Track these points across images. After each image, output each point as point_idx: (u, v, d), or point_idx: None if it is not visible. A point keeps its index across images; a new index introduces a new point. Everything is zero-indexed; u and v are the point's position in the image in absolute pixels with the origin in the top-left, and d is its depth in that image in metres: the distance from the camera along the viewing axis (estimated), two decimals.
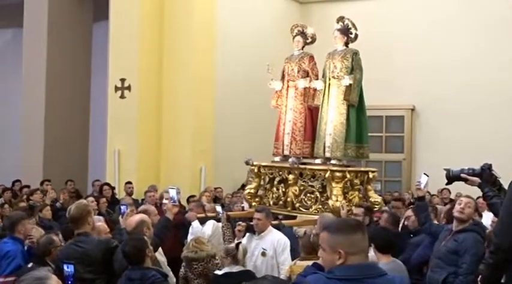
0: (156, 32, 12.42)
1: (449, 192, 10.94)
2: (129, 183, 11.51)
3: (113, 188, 11.37)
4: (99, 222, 5.95)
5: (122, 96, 12.26)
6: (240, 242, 6.06)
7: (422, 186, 6.15)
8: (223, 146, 12.21)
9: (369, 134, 14.15)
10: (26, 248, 5.96)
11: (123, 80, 12.25)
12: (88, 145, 14.95)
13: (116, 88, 12.32)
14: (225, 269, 5.70)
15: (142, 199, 10.19)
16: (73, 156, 14.30)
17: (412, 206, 8.20)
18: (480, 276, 4.30)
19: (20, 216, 6.22)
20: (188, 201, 9.59)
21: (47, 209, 8.59)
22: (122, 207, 7.53)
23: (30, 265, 5.34)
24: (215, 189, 11.60)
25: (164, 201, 8.58)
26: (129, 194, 11.04)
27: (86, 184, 13.57)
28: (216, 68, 12.50)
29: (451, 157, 11.15)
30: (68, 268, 4.38)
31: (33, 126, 14.15)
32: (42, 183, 11.82)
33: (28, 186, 11.77)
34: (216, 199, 11.13)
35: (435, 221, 6.69)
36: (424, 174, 6.27)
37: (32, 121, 14.19)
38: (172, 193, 6.32)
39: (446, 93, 13.56)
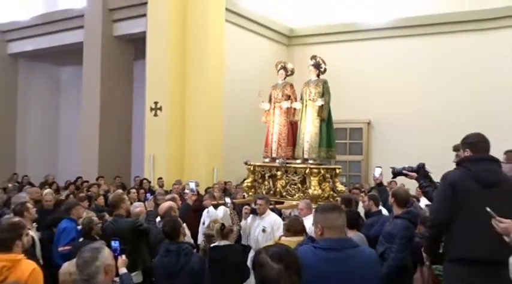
0: (181, 67, 12.42)
1: (396, 183, 10.88)
2: (161, 178, 11.54)
3: (149, 182, 11.39)
4: (138, 208, 5.91)
5: (155, 115, 12.26)
6: (223, 223, 5.92)
7: (377, 176, 6.13)
8: (230, 152, 12.21)
9: (336, 141, 14.37)
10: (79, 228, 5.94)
11: (156, 103, 12.26)
12: (131, 151, 14.90)
13: (151, 109, 12.33)
14: (215, 244, 5.62)
15: (170, 190, 10.18)
16: (120, 159, 14.30)
17: (369, 193, 8.19)
18: (423, 247, 4.25)
19: (74, 202, 6.18)
20: (206, 191, 9.60)
21: (100, 198, 8.59)
22: (147, 195, 7.49)
23: (81, 239, 5.31)
24: (225, 182, 11.55)
25: (186, 191, 8.56)
26: (161, 186, 11.04)
27: (130, 179, 13.54)
28: (224, 95, 12.53)
29: (397, 158, 11.01)
30: (115, 244, 4.32)
31: (90, 137, 14.12)
32: (97, 179, 11.82)
33: (87, 181, 11.76)
34: (225, 190, 11.11)
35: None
36: (377, 166, 6.25)
37: (90, 134, 14.16)
38: (192, 185, 6.31)
39: (395, 111, 13.65)
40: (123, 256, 4.02)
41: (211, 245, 5.63)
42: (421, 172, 4.66)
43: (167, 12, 12.21)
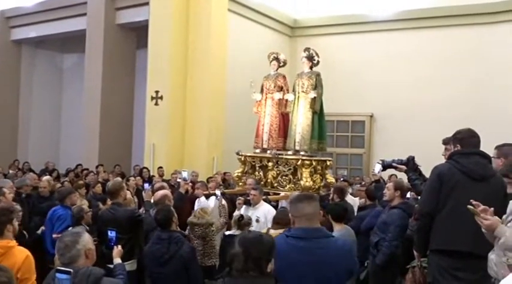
0: (182, 57, 12.42)
1: (396, 177, 10.86)
2: (161, 167, 11.57)
3: (149, 171, 11.44)
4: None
5: (156, 104, 12.28)
6: (243, 215, 6.03)
7: (376, 172, 6.18)
8: (230, 141, 12.19)
9: (338, 134, 14.48)
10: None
11: (157, 92, 12.26)
12: (131, 139, 14.97)
13: (152, 98, 12.34)
14: (231, 232, 5.72)
15: (169, 179, 10.25)
16: (121, 147, 14.37)
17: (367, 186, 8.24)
18: (413, 245, 4.21)
19: (68, 190, 6.15)
20: (208, 180, 9.55)
21: (98, 186, 8.58)
22: (145, 185, 7.52)
23: (70, 228, 5.23)
24: (224, 173, 11.57)
25: (178, 180, 8.57)
26: (161, 175, 11.07)
27: (130, 168, 13.62)
28: (226, 85, 12.50)
29: (399, 151, 11.02)
30: (111, 233, 4.35)
31: (92, 125, 14.23)
32: (97, 167, 11.90)
33: (87, 169, 11.82)
34: (224, 181, 11.14)
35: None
36: (378, 162, 6.27)
37: (91, 122, 14.27)
38: (185, 174, 6.34)
39: (396, 104, 13.61)
40: (119, 246, 4.07)
41: (226, 233, 5.69)
42: (410, 165, 4.70)
43: (170, 1, 12.19)
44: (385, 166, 4.93)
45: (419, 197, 4.90)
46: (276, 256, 2.42)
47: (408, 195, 6.96)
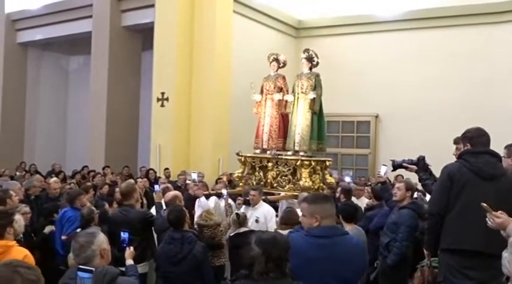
0: (188, 58, 12.43)
1: (403, 177, 10.84)
2: (167, 168, 11.58)
3: (155, 172, 11.47)
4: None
5: (162, 105, 12.29)
6: (238, 213, 6.05)
7: (382, 174, 6.17)
8: (236, 142, 12.18)
9: (344, 134, 14.48)
10: None
11: (163, 93, 12.29)
12: (138, 140, 15.00)
13: (158, 99, 12.36)
14: (235, 231, 5.74)
15: (176, 181, 10.27)
16: (127, 149, 14.41)
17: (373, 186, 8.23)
18: (424, 244, 4.24)
19: (77, 192, 6.15)
20: (216, 181, 9.57)
21: (105, 187, 8.63)
22: (156, 186, 7.55)
23: (79, 230, 5.18)
24: (230, 174, 11.57)
25: (187, 182, 8.57)
26: (167, 177, 11.09)
27: (136, 169, 13.64)
28: (231, 86, 12.51)
29: (405, 152, 10.96)
30: (124, 234, 4.36)
31: (98, 127, 14.27)
32: (103, 169, 11.93)
33: (94, 170, 11.87)
34: (230, 181, 11.14)
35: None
36: (383, 165, 6.27)
37: (97, 123, 14.31)
38: (194, 176, 6.34)
39: (402, 105, 13.59)
40: (131, 248, 4.08)
41: (232, 234, 5.72)
42: (420, 165, 4.70)
43: (175, 3, 12.20)
44: (396, 166, 4.92)
45: (428, 197, 4.91)
46: (293, 254, 2.44)
47: (415, 195, 6.98)
